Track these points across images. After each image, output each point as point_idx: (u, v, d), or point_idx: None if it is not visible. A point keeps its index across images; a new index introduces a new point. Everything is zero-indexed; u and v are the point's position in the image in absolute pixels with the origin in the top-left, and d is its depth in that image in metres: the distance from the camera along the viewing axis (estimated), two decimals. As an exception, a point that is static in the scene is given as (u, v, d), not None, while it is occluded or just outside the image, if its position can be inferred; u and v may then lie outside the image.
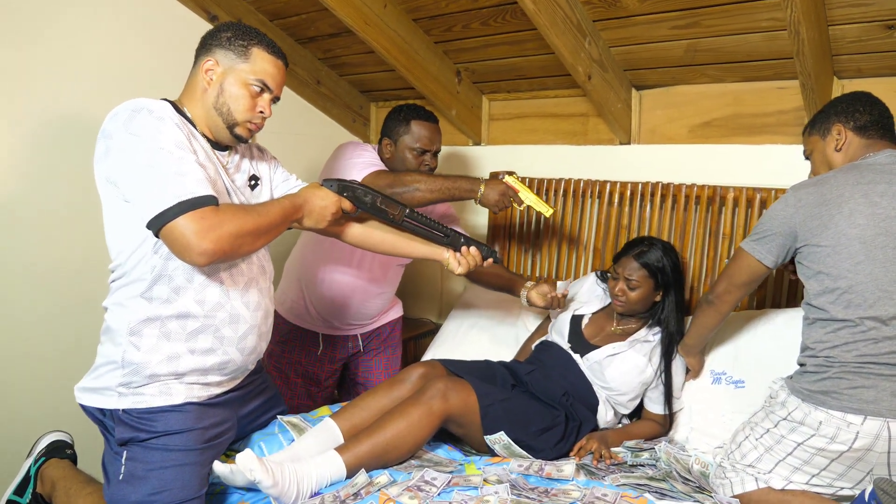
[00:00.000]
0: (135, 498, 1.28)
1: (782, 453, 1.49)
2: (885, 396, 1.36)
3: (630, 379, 1.86)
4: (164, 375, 1.32)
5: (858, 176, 1.46)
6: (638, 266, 1.88)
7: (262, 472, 1.32)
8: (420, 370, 1.78)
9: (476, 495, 1.43)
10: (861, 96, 1.58)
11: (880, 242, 1.40)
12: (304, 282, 2.11)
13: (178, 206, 1.17)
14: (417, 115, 2.01)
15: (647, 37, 2.06)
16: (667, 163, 2.28)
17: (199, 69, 1.36)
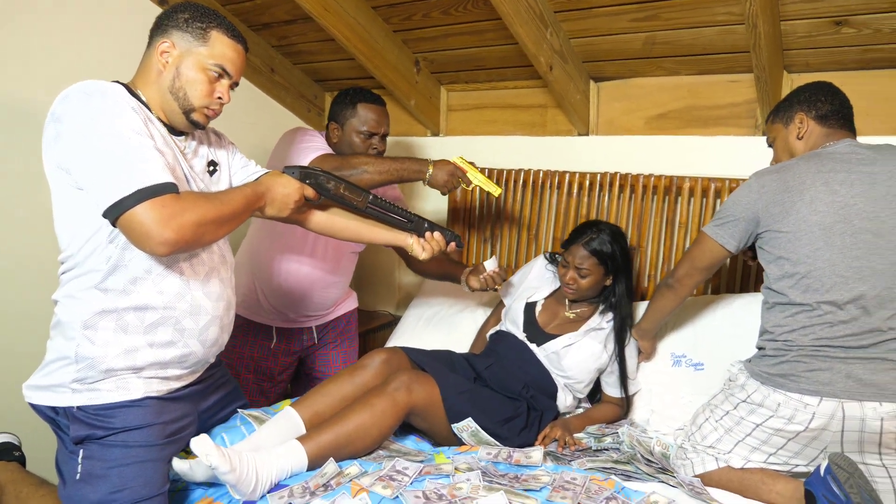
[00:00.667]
0: (94, 497, 1.22)
1: (741, 434, 1.54)
2: (839, 378, 1.42)
3: (587, 366, 1.88)
4: (120, 370, 1.25)
5: (819, 164, 1.50)
6: (587, 254, 1.88)
7: (217, 457, 1.27)
8: (382, 356, 1.75)
9: (448, 483, 1.42)
10: (823, 86, 1.62)
11: (839, 229, 1.45)
12: (256, 273, 2.05)
13: (137, 194, 1.11)
14: (364, 98, 1.97)
15: (607, 28, 2.09)
16: (624, 154, 2.33)
17: (154, 51, 1.29)
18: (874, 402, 1.39)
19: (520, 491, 1.42)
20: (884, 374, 1.41)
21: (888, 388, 1.39)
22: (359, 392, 1.64)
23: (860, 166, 1.47)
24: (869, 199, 1.44)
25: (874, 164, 1.47)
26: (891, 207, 1.44)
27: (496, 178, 2.49)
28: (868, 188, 1.45)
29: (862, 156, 1.49)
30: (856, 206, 1.45)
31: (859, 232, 1.44)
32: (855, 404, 1.40)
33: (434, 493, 1.37)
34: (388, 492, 1.35)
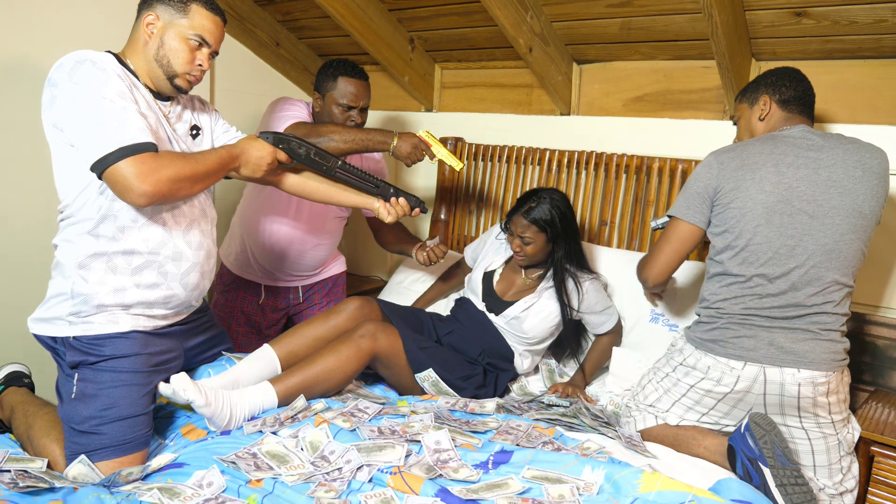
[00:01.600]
0: (87, 413, 1.41)
1: (678, 394, 1.69)
2: (762, 345, 1.56)
3: (547, 325, 2.03)
4: (111, 306, 1.44)
5: (773, 146, 1.60)
6: (528, 223, 1.97)
7: (194, 391, 1.46)
8: (357, 303, 1.91)
9: (403, 422, 1.60)
10: (790, 72, 1.71)
11: (779, 209, 1.55)
12: (246, 233, 2.22)
13: (119, 151, 1.29)
14: (345, 72, 2.08)
15: (586, 13, 2.21)
16: (602, 134, 2.45)
17: (141, 23, 1.45)
18: (793, 368, 1.53)
19: (466, 432, 1.60)
20: (803, 343, 1.54)
21: (806, 356, 1.53)
22: (331, 334, 1.80)
23: (808, 151, 1.57)
24: (811, 183, 1.55)
25: (821, 150, 1.57)
26: (829, 193, 1.54)
27: (480, 153, 2.63)
28: (812, 172, 1.55)
29: (811, 142, 1.59)
30: (798, 189, 1.55)
31: (797, 213, 1.54)
32: (775, 370, 1.54)
33: (388, 429, 1.55)
34: (347, 425, 1.54)
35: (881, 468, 1.66)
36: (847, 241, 1.54)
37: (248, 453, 1.44)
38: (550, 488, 1.34)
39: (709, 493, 1.35)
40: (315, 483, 1.34)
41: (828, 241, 1.54)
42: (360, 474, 1.37)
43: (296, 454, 1.44)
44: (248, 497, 1.29)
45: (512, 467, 1.44)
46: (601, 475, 1.41)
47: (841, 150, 1.57)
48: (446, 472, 1.38)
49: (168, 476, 1.39)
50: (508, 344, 2.05)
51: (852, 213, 1.54)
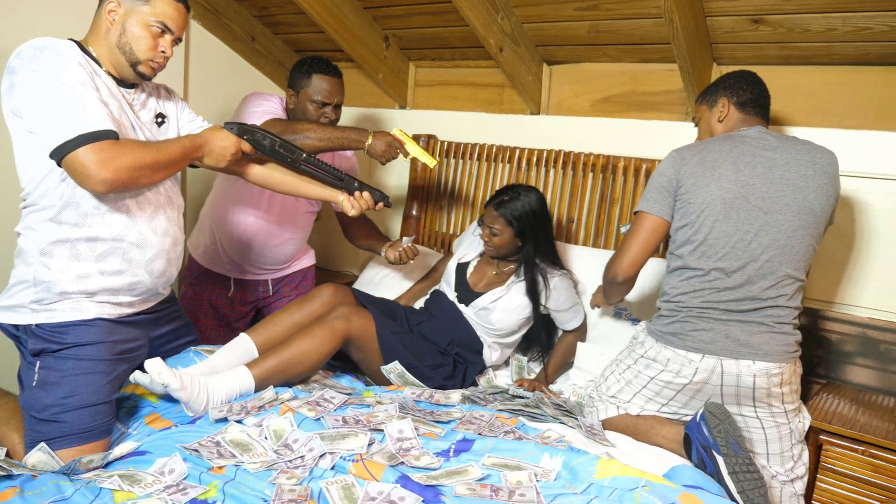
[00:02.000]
0: (48, 401, 1.41)
1: (639, 386, 1.74)
2: (719, 338, 1.62)
3: (515, 318, 2.07)
4: (74, 293, 1.44)
5: (731, 145, 1.66)
6: (496, 215, 2.03)
7: (169, 375, 1.48)
8: (331, 288, 1.94)
9: (367, 411, 1.63)
10: (747, 75, 1.77)
11: (737, 205, 1.61)
12: (216, 225, 2.23)
13: (78, 138, 1.30)
14: (319, 69, 2.11)
15: (555, 15, 2.26)
16: (570, 133, 2.50)
17: (103, 10, 1.45)
18: (748, 360, 1.59)
19: (430, 422, 1.63)
20: (758, 336, 1.60)
21: (761, 348, 1.59)
22: (307, 320, 1.83)
23: (764, 151, 1.64)
24: (766, 181, 1.61)
25: (775, 150, 1.64)
26: (782, 190, 1.61)
27: (452, 151, 2.67)
28: (767, 171, 1.62)
29: (767, 142, 1.66)
30: (754, 186, 1.61)
31: (753, 209, 1.61)
32: (732, 362, 1.60)
33: (352, 418, 1.58)
34: (312, 414, 1.56)
35: (829, 456, 1.73)
36: (799, 236, 1.61)
37: (211, 441, 1.45)
38: (509, 475, 1.38)
39: (662, 479, 1.41)
40: (277, 470, 1.37)
41: (781, 237, 1.60)
42: (323, 462, 1.40)
43: (259, 442, 1.46)
44: (210, 484, 1.31)
45: (473, 455, 1.48)
46: (559, 462, 1.45)
47: (794, 150, 1.64)
48: (408, 460, 1.42)
49: (130, 464, 1.40)
50: (478, 335, 2.09)
51: (803, 209, 1.60)
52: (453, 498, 1.30)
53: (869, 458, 1.68)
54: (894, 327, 1.97)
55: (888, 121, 1.96)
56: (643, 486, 1.35)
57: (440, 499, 1.29)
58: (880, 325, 1.99)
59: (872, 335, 2.01)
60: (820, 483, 1.74)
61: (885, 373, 2.00)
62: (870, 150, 1.97)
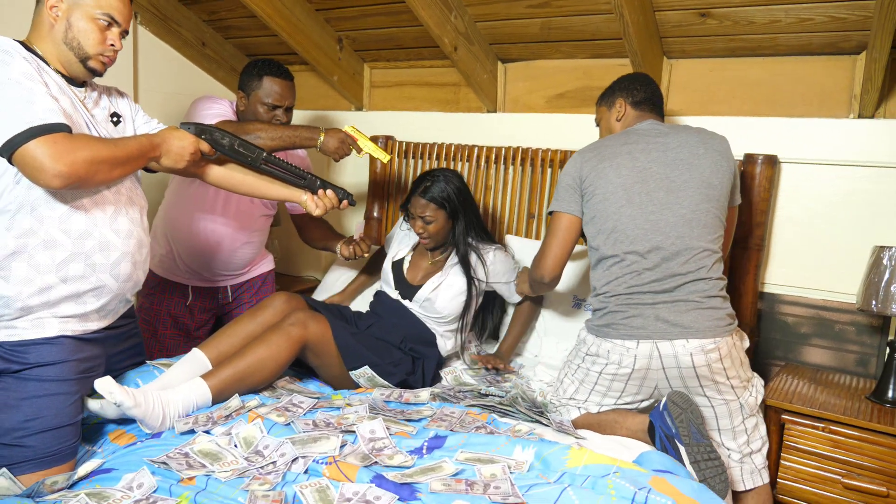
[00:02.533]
0: (8, 425, 1.35)
1: (590, 383, 1.76)
2: (650, 322, 1.64)
3: (459, 301, 2.07)
4: (36, 307, 1.38)
5: (626, 138, 1.77)
6: (426, 202, 2.05)
7: (120, 393, 1.43)
8: (283, 297, 1.91)
9: (337, 414, 1.62)
10: (640, 77, 1.89)
11: (637, 189, 1.68)
12: (171, 233, 2.18)
13: (28, 132, 1.24)
14: (270, 72, 2.09)
15: (507, 13, 2.28)
16: (527, 130, 2.53)
17: (44, 6, 1.40)
18: (682, 339, 1.62)
19: (401, 421, 1.63)
20: (686, 314, 1.63)
21: (691, 326, 1.62)
22: (260, 330, 1.80)
23: (657, 138, 1.74)
24: (662, 163, 1.70)
25: (667, 136, 1.74)
26: (679, 170, 1.69)
27: (410, 151, 2.68)
28: (661, 154, 1.71)
29: (658, 130, 1.76)
30: (651, 170, 1.69)
31: (654, 191, 1.68)
32: (666, 343, 1.63)
33: (323, 422, 1.57)
34: (281, 419, 1.54)
35: (791, 434, 1.79)
36: (703, 210, 1.67)
37: (179, 453, 1.42)
38: (483, 468, 1.39)
39: (632, 465, 1.43)
40: (249, 477, 1.34)
41: (685, 212, 1.66)
42: (296, 466, 1.38)
43: (229, 451, 1.44)
44: (181, 495, 1.28)
45: (445, 451, 1.48)
46: (531, 454, 1.46)
47: (685, 133, 1.75)
48: (381, 460, 1.41)
49: (96, 482, 1.36)
50: (428, 327, 2.10)
51: (702, 184, 1.68)
52: (429, 494, 1.29)
53: (829, 434, 1.75)
54: (847, 308, 2.05)
55: (832, 108, 2.04)
56: (615, 472, 1.38)
57: (416, 496, 1.29)
58: (834, 306, 2.07)
59: (827, 316, 2.09)
60: (784, 461, 1.81)
61: (840, 352, 2.08)
62: (815, 137, 2.04)
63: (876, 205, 2.00)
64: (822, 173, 2.06)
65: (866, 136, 1.99)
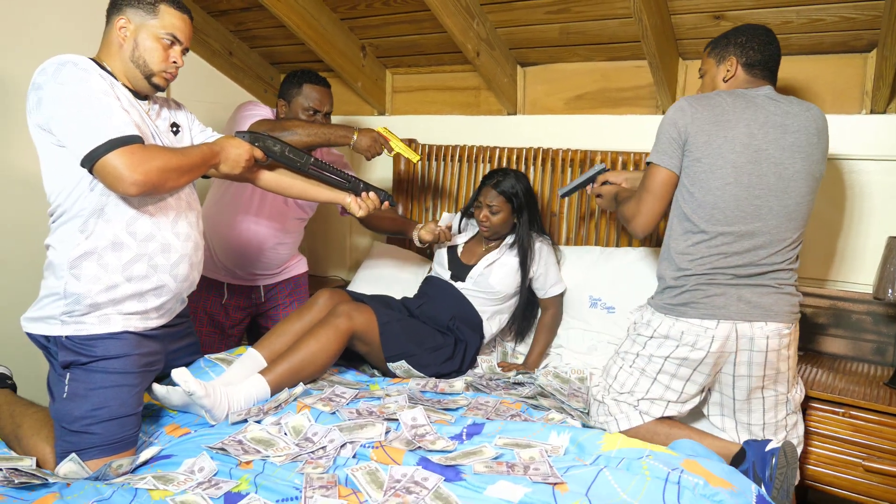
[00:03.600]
0: (78, 413, 1.46)
1: (653, 372, 1.69)
2: (732, 301, 1.62)
3: (512, 279, 2.20)
4: (103, 304, 1.48)
5: (744, 105, 1.63)
6: (496, 193, 2.18)
7: (195, 384, 1.54)
8: (327, 294, 2.02)
9: (379, 403, 1.71)
10: (761, 33, 1.70)
11: (748, 169, 1.60)
12: (209, 231, 2.25)
13: (108, 144, 1.35)
14: (310, 79, 2.21)
15: (527, 20, 2.37)
16: (546, 131, 2.61)
17: (113, 27, 1.51)
18: (761, 321, 1.61)
19: (439, 410, 1.71)
20: (767, 297, 1.62)
21: (771, 309, 1.62)
22: (307, 328, 1.90)
23: (776, 116, 1.62)
24: (778, 146, 1.61)
25: (786, 116, 1.63)
26: (793, 157, 1.61)
27: (433, 153, 2.77)
28: (780, 136, 1.61)
29: (778, 107, 1.64)
30: (766, 151, 1.60)
31: (765, 174, 1.60)
32: (745, 325, 1.61)
33: (366, 410, 1.65)
34: (327, 409, 1.63)
35: (813, 420, 1.85)
36: (805, 202, 1.64)
37: (233, 440, 1.51)
38: (521, 452, 1.47)
39: (665, 449, 1.51)
40: (302, 461, 1.43)
41: (790, 202, 1.62)
42: (344, 451, 1.47)
43: (280, 438, 1.52)
44: (240, 478, 1.37)
45: (484, 437, 1.56)
46: (567, 438, 1.55)
47: (802, 116, 1.64)
48: (424, 444, 1.49)
49: (157, 467, 1.45)
50: (476, 310, 2.20)
51: (809, 176, 1.63)
52: (473, 475, 1.38)
53: (849, 418, 1.80)
54: (863, 298, 2.11)
55: (844, 104, 2.12)
56: (648, 455, 1.45)
57: (461, 476, 1.37)
58: (850, 297, 2.13)
59: (843, 307, 2.14)
60: (807, 446, 1.85)
61: (858, 341, 2.14)
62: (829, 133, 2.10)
63: (889, 197, 2.07)
64: (837, 167, 2.14)
65: (878, 131, 2.06)
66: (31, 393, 1.76)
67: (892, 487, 1.74)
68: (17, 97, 2.25)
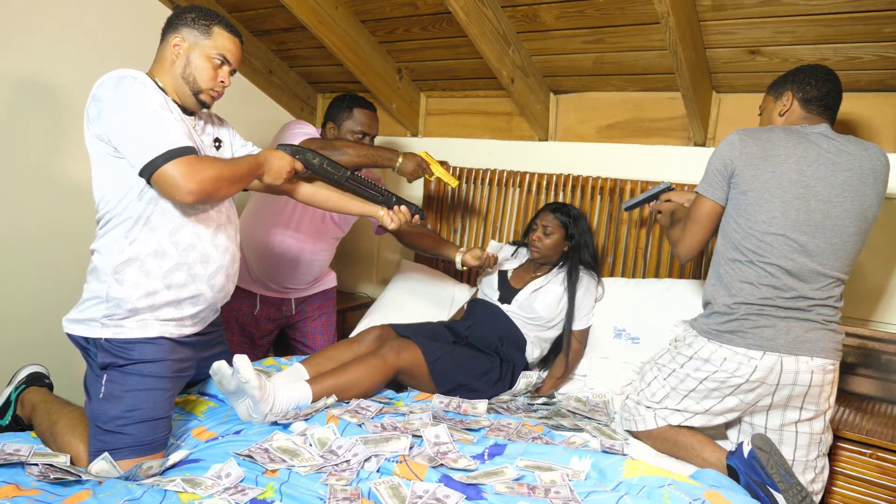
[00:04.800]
0: (113, 413, 1.50)
1: (686, 390, 1.73)
2: (780, 335, 1.62)
3: (556, 307, 2.26)
4: (142, 309, 1.53)
5: (797, 141, 1.64)
6: (553, 217, 2.29)
7: (251, 373, 1.60)
8: (376, 332, 2.11)
9: (403, 419, 1.73)
10: (819, 71, 1.72)
11: (795, 205, 1.61)
12: (245, 242, 2.34)
13: (166, 154, 1.41)
14: (359, 104, 2.29)
15: (562, 49, 2.41)
16: (577, 158, 2.64)
17: (168, 44, 1.58)
18: (807, 356, 1.61)
19: (461, 429, 1.72)
20: (814, 332, 1.63)
21: (818, 344, 1.62)
22: (354, 358, 1.97)
23: (829, 154, 1.63)
24: (828, 184, 1.61)
25: (840, 153, 1.63)
26: (842, 196, 1.61)
27: (464, 176, 2.81)
28: (830, 174, 1.61)
29: (832, 143, 1.65)
30: (815, 188, 1.61)
31: (813, 212, 1.61)
32: (791, 359, 1.61)
33: (390, 425, 1.67)
34: (354, 420, 1.66)
35: (840, 460, 1.82)
36: (852, 242, 1.63)
37: (259, 448, 1.54)
38: (543, 475, 1.47)
39: (687, 478, 1.50)
40: (326, 473, 1.45)
41: (836, 241, 1.62)
42: (368, 465, 1.49)
43: (305, 449, 1.55)
44: (266, 485, 1.39)
45: (506, 458, 1.57)
46: (588, 464, 1.55)
47: (857, 157, 1.64)
48: (447, 462, 1.50)
49: (185, 471, 1.48)
50: (521, 332, 2.26)
51: (860, 217, 1.63)
52: (494, 495, 1.38)
53: (876, 460, 1.77)
54: (893, 339, 2.08)
55: (881, 141, 2.11)
56: (669, 485, 1.45)
57: (482, 496, 1.38)
58: (880, 336, 2.11)
59: (873, 346, 2.12)
60: (833, 486, 1.83)
61: (887, 382, 2.11)
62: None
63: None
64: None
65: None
66: (66, 393, 1.82)
67: (918, 531, 1.71)
68: (67, 108, 2.35)
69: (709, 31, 2.10)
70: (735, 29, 2.05)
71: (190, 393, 1.87)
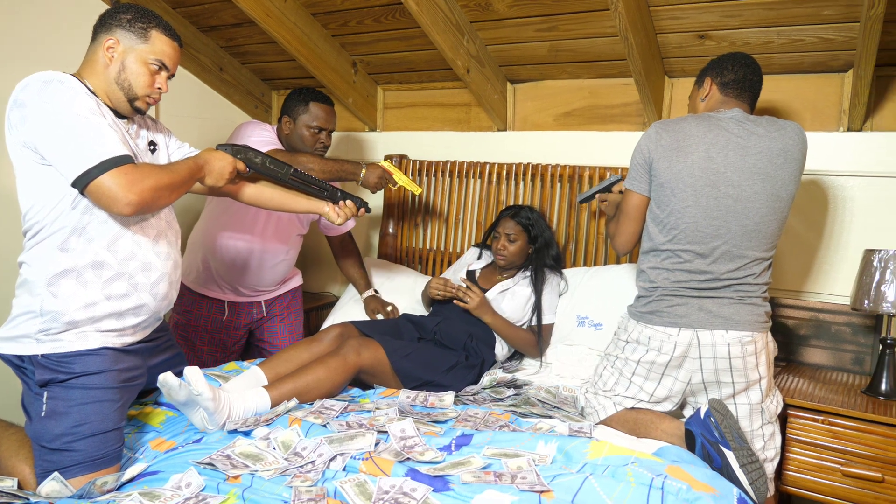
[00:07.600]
0: (58, 431, 1.42)
1: (629, 373, 1.80)
2: (693, 311, 1.71)
3: (522, 309, 2.26)
4: (82, 322, 1.46)
5: (706, 128, 1.70)
6: (514, 223, 2.28)
7: (204, 385, 1.54)
8: (337, 331, 2.07)
9: (369, 416, 1.71)
10: (738, 57, 1.78)
11: (706, 192, 1.68)
12: (209, 251, 2.29)
13: (102, 165, 1.34)
14: (315, 98, 2.25)
15: (517, 37, 2.41)
16: (536, 147, 2.65)
17: (101, 45, 1.49)
18: (721, 329, 1.68)
19: (428, 422, 1.72)
20: (728, 307, 1.70)
21: (731, 318, 1.69)
22: (314, 359, 1.93)
23: (738, 139, 1.68)
24: (737, 169, 1.67)
25: (749, 138, 1.68)
26: (752, 180, 1.67)
27: (424, 169, 2.80)
28: (739, 159, 1.67)
29: (742, 126, 1.69)
30: (725, 174, 1.67)
31: (723, 197, 1.68)
32: (706, 333, 1.69)
33: (356, 422, 1.66)
34: (319, 420, 1.64)
35: (794, 427, 1.89)
36: (766, 222, 1.69)
37: (221, 455, 1.50)
38: (509, 462, 1.48)
39: (650, 455, 1.53)
40: (291, 475, 1.43)
41: (749, 223, 1.68)
42: (334, 464, 1.47)
43: (269, 453, 1.52)
44: (229, 492, 1.36)
45: (473, 448, 1.57)
46: (554, 448, 1.56)
47: (768, 138, 1.68)
48: (413, 456, 1.50)
49: (144, 484, 1.43)
50: (491, 330, 2.25)
51: (771, 197, 1.68)
52: (461, 485, 1.38)
53: (828, 426, 1.84)
54: (842, 310, 2.16)
55: (823, 122, 2.17)
56: (633, 462, 1.47)
57: (449, 486, 1.38)
58: (830, 308, 2.18)
59: (824, 318, 2.19)
60: (788, 453, 1.90)
61: (837, 351, 2.18)
62: (809, 150, 2.12)
63: (865, 211, 2.12)
64: (817, 183, 2.18)
65: (855, 148, 2.11)
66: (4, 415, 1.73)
67: (868, 491, 1.79)
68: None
69: (659, 17, 2.12)
70: (684, 14, 2.08)
71: (146, 403, 1.81)
